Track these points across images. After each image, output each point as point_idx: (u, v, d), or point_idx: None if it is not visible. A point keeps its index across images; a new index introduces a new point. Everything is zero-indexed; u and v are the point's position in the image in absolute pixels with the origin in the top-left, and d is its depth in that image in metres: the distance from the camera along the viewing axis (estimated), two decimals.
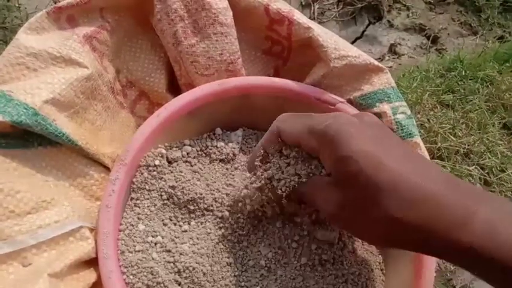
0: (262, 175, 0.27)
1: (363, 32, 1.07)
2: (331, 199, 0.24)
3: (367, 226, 0.23)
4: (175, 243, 0.30)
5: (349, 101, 0.36)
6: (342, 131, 0.22)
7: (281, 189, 0.26)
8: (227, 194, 0.33)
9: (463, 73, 0.94)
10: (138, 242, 0.29)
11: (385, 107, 0.35)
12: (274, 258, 0.30)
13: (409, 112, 0.36)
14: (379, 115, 0.35)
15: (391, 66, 1.01)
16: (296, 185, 0.26)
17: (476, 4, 1.17)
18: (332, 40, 0.34)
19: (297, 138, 0.25)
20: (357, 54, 0.35)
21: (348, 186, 0.23)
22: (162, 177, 0.32)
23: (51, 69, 0.28)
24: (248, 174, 0.35)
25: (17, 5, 0.72)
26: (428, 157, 0.36)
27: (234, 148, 0.35)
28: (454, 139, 0.81)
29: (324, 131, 0.23)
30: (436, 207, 0.21)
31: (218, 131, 0.36)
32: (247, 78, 0.36)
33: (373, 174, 0.21)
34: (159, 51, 0.36)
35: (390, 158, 0.22)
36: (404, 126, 0.35)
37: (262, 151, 0.28)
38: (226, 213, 0.31)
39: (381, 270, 0.34)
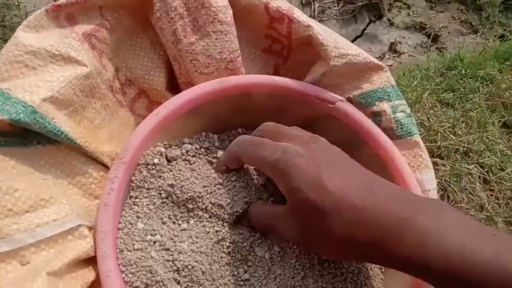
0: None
1: (363, 30, 1.07)
2: (290, 227, 0.27)
3: (324, 246, 0.26)
4: (174, 242, 0.30)
5: (349, 100, 0.36)
6: (290, 165, 0.25)
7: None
8: (226, 193, 0.33)
9: (463, 72, 0.94)
10: (137, 241, 0.29)
11: (385, 106, 0.35)
12: (274, 257, 0.30)
13: (408, 111, 0.36)
14: (379, 113, 0.35)
15: (391, 65, 1.01)
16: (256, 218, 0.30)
17: (477, 2, 1.17)
18: (332, 38, 0.34)
19: (253, 164, 0.30)
20: (357, 52, 0.35)
21: (300, 213, 0.26)
22: (161, 176, 0.31)
23: (50, 67, 0.28)
24: (246, 176, 0.35)
25: (16, 3, 0.71)
26: (427, 156, 0.36)
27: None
28: (454, 138, 0.80)
29: (274, 165, 0.26)
30: (374, 224, 0.23)
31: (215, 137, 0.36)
32: (247, 76, 0.35)
33: (319, 200, 0.24)
34: (159, 50, 0.36)
35: (334, 183, 0.24)
36: (404, 124, 0.35)
37: (224, 167, 0.32)
38: (226, 215, 0.31)
39: (380, 268, 0.34)
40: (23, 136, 0.27)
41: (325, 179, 0.24)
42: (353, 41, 1.04)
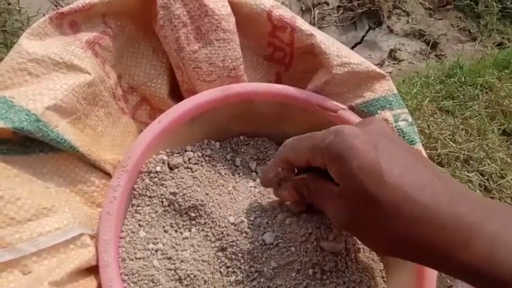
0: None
1: (363, 37, 1.07)
2: (340, 211, 0.24)
3: (373, 238, 0.24)
4: (176, 251, 0.30)
5: (351, 108, 0.36)
6: (344, 148, 0.22)
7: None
8: (228, 201, 0.33)
9: (463, 79, 0.94)
10: (139, 249, 0.28)
11: (387, 114, 0.35)
12: (276, 267, 0.30)
13: (410, 119, 0.36)
14: None
15: (390, 72, 1.01)
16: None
17: (476, 10, 1.18)
18: (334, 47, 0.34)
19: (304, 159, 0.26)
20: (359, 61, 0.35)
21: (353, 201, 0.23)
22: (164, 184, 0.31)
23: (54, 75, 0.28)
24: (252, 183, 0.35)
25: (17, 8, 0.72)
26: None
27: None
28: (454, 145, 0.81)
29: (326, 149, 0.23)
30: (438, 227, 0.21)
31: (217, 144, 0.36)
32: (250, 84, 0.36)
33: (376, 192, 0.22)
34: (161, 57, 0.36)
35: (393, 173, 0.22)
36: (406, 133, 0.35)
37: (272, 173, 0.29)
38: (228, 223, 0.31)
39: (382, 278, 0.34)
40: (25, 144, 0.26)
41: (383, 166, 0.22)
42: (353, 47, 1.05)
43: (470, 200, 0.22)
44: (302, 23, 0.35)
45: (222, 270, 0.30)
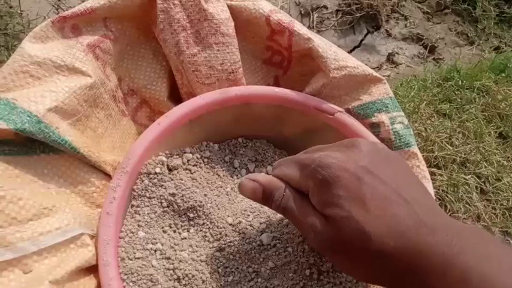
0: None
1: (361, 41, 1.08)
2: (320, 234, 0.24)
3: (352, 265, 0.24)
4: (175, 251, 0.30)
5: (348, 111, 0.36)
6: (329, 174, 0.23)
7: None
8: (226, 203, 0.33)
9: (460, 83, 0.95)
10: (138, 249, 0.29)
11: (383, 117, 0.36)
12: (273, 268, 0.31)
13: (406, 122, 0.37)
14: (377, 125, 0.36)
15: (388, 75, 1.02)
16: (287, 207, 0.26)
17: (473, 15, 1.19)
18: (332, 51, 0.35)
19: (288, 180, 0.26)
20: (356, 65, 0.35)
21: (337, 227, 0.23)
22: (163, 185, 0.32)
23: (55, 78, 0.28)
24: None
25: (19, 12, 0.72)
26: (425, 167, 0.36)
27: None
28: (451, 148, 0.81)
29: (312, 173, 0.24)
30: (417, 256, 0.22)
31: (215, 146, 0.36)
32: (248, 87, 0.36)
33: (362, 221, 0.22)
34: (161, 60, 0.37)
35: (376, 204, 0.22)
36: (402, 136, 0.36)
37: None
38: (226, 224, 0.31)
39: None
40: (27, 145, 0.27)
41: (367, 198, 0.22)
42: (351, 51, 1.05)
43: (447, 227, 0.23)
44: (300, 27, 0.36)
45: (219, 270, 0.30)
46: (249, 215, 0.32)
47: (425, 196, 0.25)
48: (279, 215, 0.32)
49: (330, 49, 0.35)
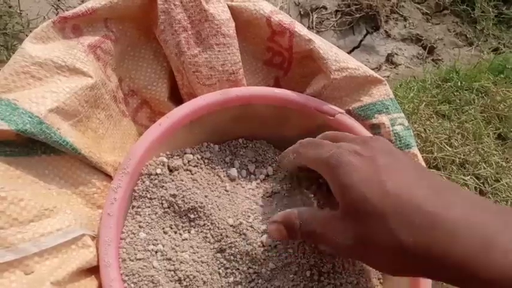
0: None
1: (361, 41, 1.08)
2: (343, 232, 0.23)
3: (378, 256, 0.22)
4: (176, 252, 0.30)
5: (348, 112, 0.36)
6: (343, 161, 0.23)
7: None
8: (227, 203, 0.33)
9: (459, 84, 0.95)
10: (139, 250, 0.29)
11: (384, 119, 0.36)
12: (274, 269, 0.31)
13: (407, 123, 0.37)
14: (377, 126, 0.36)
15: (388, 76, 1.02)
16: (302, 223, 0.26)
17: (472, 16, 1.19)
18: (332, 52, 0.35)
19: (311, 164, 0.27)
20: (357, 66, 0.36)
21: (354, 215, 0.22)
22: (163, 186, 0.32)
23: (56, 78, 0.28)
24: (250, 186, 0.36)
25: (18, 11, 0.72)
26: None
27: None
28: (450, 149, 0.81)
29: (327, 162, 0.24)
30: (449, 234, 0.20)
31: (216, 147, 0.36)
32: (249, 88, 0.36)
33: (379, 201, 0.21)
34: (162, 61, 0.37)
35: (396, 185, 0.21)
36: (402, 137, 0.36)
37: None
38: (227, 225, 0.31)
39: (379, 279, 0.34)
40: (28, 146, 0.27)
41: (384, 178, 0.21)
42: (350, 52, 1.05)
43: (482, 208, 0.21)
44: (301, 29, 0.36)
45: (220, 271, 0.30)
46: (249, 216, 0.32)
47: (447, 182, 0.23)
48: None
49: (330, 50, 0.35)
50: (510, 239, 0.19)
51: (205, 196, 0.33)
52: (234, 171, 0.36)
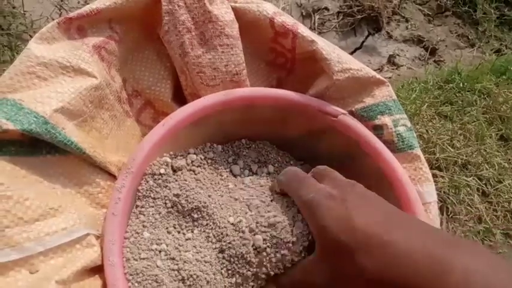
0: None
1: (362, 42, 1.09)
2: (321, 271, 0.26)
3: (351, 286, 0.25)
4: (179, 251, 0.30)
5: (351, 113, 0.36)
6: (320, 205, 0.26)
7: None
8: (230, 203, 0.33)
9: (461, 85, 0.95)
10: (143, 250, 0.29)
11: (386, 120, 0.36)
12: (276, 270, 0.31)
13: (409, 124, 0.37)
14: (380, 127, 0.36)
15: (390, 77, 1.02)
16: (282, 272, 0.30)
17: (474, 17, 1.19)
18: (335, 53, 0.35)
19: (291, 196, 0.30)
20: (360, 67, 0.36)
21: (330, 254, 0.25)
22: (167, 186, 0.32)
23: (61, 79, 0.29)
24: (251, 186, 0.36)
25: (22, 12, 0.72)
26: (428, 169, 0.36)
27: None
28: (452, 150, 0.81)
29: (306, 205, 0.27)
30: (410, 263, 0.22)
31: (219, 147, 0.37)
32: (252, 89, 0.36)
33: (347, 238, 0.24)
34: (165, 61, 0.37)
35: (362, 221, 0.24)
36: (404, 138, 0.36)
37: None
38: (229, 225, 0.32)
39: None
40: (33, 146, 0.27)
41: (353, 218, 0.24)
42: (352, 53, 1.06)
43: (439, 237, 0.23)
44: (304, 30, 0.36)
45: (223, 271, 0.30)
46: (247, 212, 0.32)
47: (409, 217, 0.26)
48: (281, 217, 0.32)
49: (333, 51, 0.36)
50: (465, 262, 0.21)
51: (209, 196, 0.33)
52: (237, 171, 0.36)
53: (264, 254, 0.29)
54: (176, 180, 0.32)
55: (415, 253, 0.22)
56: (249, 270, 0.30)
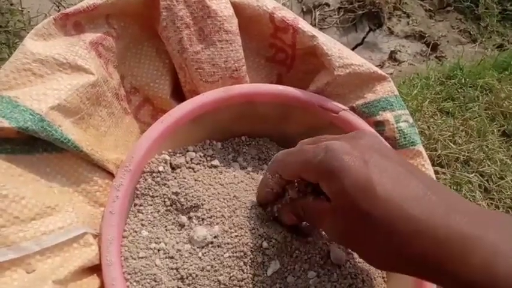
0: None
1: (364, 38, 1.08)
2: (335, 227, 0.24)
3: (370, 254, 0.24)
4: (178, 250, 0.30)
5: (352, 109, 0.36)
6: (335, 166, 0.22)
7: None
8: (229, 202, 0.33)
9: (463, 81, 0.94)
10: (141, 249, 0.29)
11: (388, 116, 0.35)
12: (275, 272, 0.30)
13: (411, 120, 0.36)
14: (382, 123, 0.36)
15: (391, 73, 1.02)
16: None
17: (476, 12, 1.18)
18: (336, 49, 0.35)
19: (295, 174, 0.26)
20: (361, 62, 0.35)
21: (347, 217, 0.23)
22: (166, 184, 0.32)
23: (58, 76, 0.28)
24: (251, 183, 0.35)
25: (20, 9, 0.72)
26: (430, 165, 0.36)
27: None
28: (454, 146, 0.81)
29: (317, 167, 0.23)
30: (432, 240, 0.21)
31: (218, 145, 0.36)
32: (252, 85, 0.36)
33: (368, 209, 0.22)
34: (164, 58, 0.36)
35: (385, 188, 0.22)
36: (406, 134, 0.35)
37: (267, 190, 0.29)
38: (228, 223, 0.31)
39: (383, 278, 0.34)
40: (29, 144, 0.27)
41: (374, 182, 0.22)
42: (353, 49, 1.05)
43: (466, 211, 0.21)
44: (304, 25, 0.35)
45: (223, 272, 0.30)
46: (248, 211, 0.32)
47: (434, 182, 0.24)
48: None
49: (334, 47, 0.35)
50: (492, 242, 0.20)
51: (208, 194, 0.32)
52: (236, 168, 0.36)
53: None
54: (175, 178, 0.32)
55: (441, 230, 0.20)
56: (245, 273, 0.30)
